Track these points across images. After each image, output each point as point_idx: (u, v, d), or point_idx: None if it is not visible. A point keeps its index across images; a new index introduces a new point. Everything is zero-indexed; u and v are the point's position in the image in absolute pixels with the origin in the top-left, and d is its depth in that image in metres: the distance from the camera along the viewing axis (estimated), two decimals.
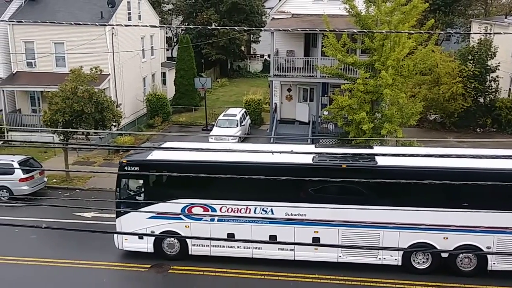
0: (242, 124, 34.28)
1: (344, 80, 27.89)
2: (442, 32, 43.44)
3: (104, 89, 31.90)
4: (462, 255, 17.56)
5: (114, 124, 28.69)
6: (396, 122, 25.06)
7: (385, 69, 25.11)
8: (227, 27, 21.17)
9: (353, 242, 17.70)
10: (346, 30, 24.62)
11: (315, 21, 30.87)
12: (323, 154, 17.68)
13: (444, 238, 17.45)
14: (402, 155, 12.20)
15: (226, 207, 18.09)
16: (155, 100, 38.77)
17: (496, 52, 35.12)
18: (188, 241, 18.76)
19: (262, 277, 17.84)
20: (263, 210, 17.99)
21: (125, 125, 35.92)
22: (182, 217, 18.61)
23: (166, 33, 54.73)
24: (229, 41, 52.85)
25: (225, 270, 18.20)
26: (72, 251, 19.59)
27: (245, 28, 11.33)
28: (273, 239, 18.10)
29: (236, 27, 15.60)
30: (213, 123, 35.44)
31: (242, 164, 17.68)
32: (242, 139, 33.32)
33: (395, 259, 17.98)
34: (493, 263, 17.47)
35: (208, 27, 12.90)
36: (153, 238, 18.85)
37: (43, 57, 34.09)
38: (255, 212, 17.99)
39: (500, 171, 16.91)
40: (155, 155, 18.94)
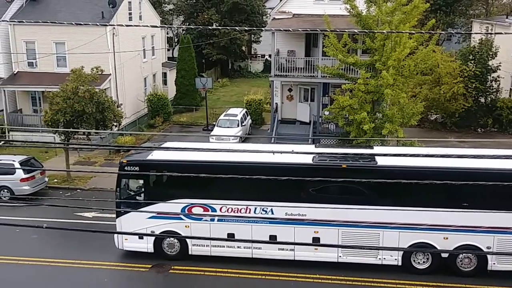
0: (243, 124, 34.28)
1: (345, 80, 27.89)
2: (443, 32, 43.45)
3: (105, 89, 31.94)
4: (462, 255, 17.57)
5: (115, 124, 28.73)
6: (397, 122, 25.06)
7: (386, 69, 25.10)
8: (228, 27, 21.18)
9: (353, 242, 17.70)
10: (347, 30, 24.63)
11: (316, 21, 30.87)
12: (323, 154, 17.67)
13: (444, 238, 17.45)
14: (402, 155, 12.20)
15: (226, 207, 18.10)
16: (156, 100, 38.80)
17: (497, 52, 35.09)
18: (188, 241, 18.77)
19: (263, 277, 17.84)
20: (263, 210, 17.99)
21: (126, 125, 35.96)
22: (182, 217, 18.62)
23: (167, 33, 54.77)
24: (230, 41, 52.86)
25: (226, 270, 18.21)
26: (73, 251, 19.61)
27: (246, 28, 11.34)
28: (273, 239, 18.11)
29: (237, 27, 15.63)
30: (214, 123, 35.44)
31: (242, 164, 17.69)
32: (243, 139, 33.33)
33: (395, 259, 17.98)
34: (493, 263, 17.47)
35: (209, 27, 12.93)
36: (153, 238, 18.87)
37: (44, 57, 34.13)
38: (255, 212, 18.00)
39: (500, 171, 16.90)
40: (155, 155, 18.96)
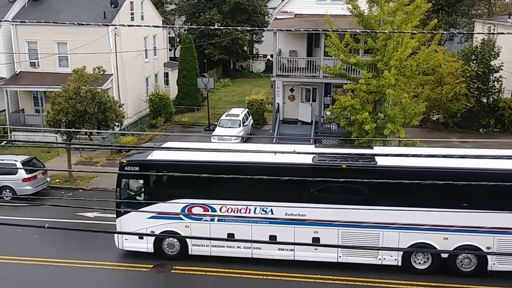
0: (245, 124, 34.28)
1: (346, 80, 27.88)
2: (445, 32, 43.41)
3: (107, 89, 31.97)
4: (462, 255, 17.56)
5: (116, 124, 28.75)
6: (398, 122, 25.04)
7: (387, 69, 25.09)
8: (229, 27, 21.16)
9: (353, 242, 17.70)
10: (349, 30, 24.59)
11: (318, 21, 30.87)
12: (323, 154, 17.65)
13: (444, 238, 17.43)
14: (402, 155, 12.21)
15: (226, 207, 18.11)
16: (157, 100, 38.82)
17: (499, 52, 35.03)
18: (188, 241, 18.79)
19: (264, 277, 17.85)
20: (263, 210, 18.01)
21: (127, 125, 35.98)
22: (182, 217, 18.64)
23: (169, 33, 54.78)
24: (232, 41, 52.85)
25: (227, 270, 18.22)
26: (75, 251, 19.63)
27: (247, 28, 11.34)
28: (273, 239, 18.12)
29: (238, 27, 15.64)
30: (216, 123, 35.45)
31: (242, 164, 17.70)
32: (245, 139, 33.33)
33: (395, 260, 17.97)
34: (493, 264, 17.46)
35: (211, 27, 12.94)
36: (153, 238, 18.89)
37: (46, 57, 34.18)
38: (255, 212, 18.02)
39: (500, 171, 16.87)
40: (155, 155, 18.99)
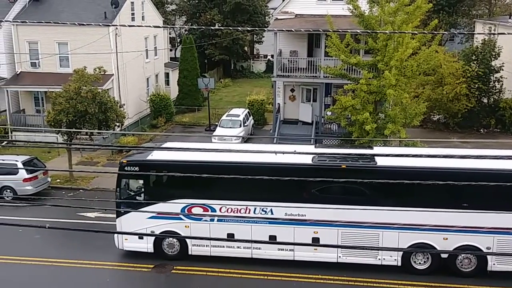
0: (245, 124, 34.28)
1: (347, 81, 27.86)
2: (445, 32, 43.37)
3: (107, 89, 31.99)
4: (462, 255, 17.56)
5: (117, 124, 28.76)
6: (399, 122, 25.03)
7: (388, 70, 25.09)
8: (230, 27, 21.16)
9: (353, 242, 17.72)
10: (349, 31, 24.59)
11: (319, 22, 30.86)
12: (323, 154, 17.65)
13: (444, 238, 17.44)
14: (401, 155, 12.21)
15: (226, 207, 18.13)
16: (158, 100, 38.83)
17: (500, 53, 35.02)
18: (188, 241, 18.81)
19: (265, 277, 17.86)
20: (263, 210, 18.03)
21: (128, 126, 35.99)
22: (182, 217, 18.66)
23: (170, 34, 54.76)
24: (233, 41, 52.86)
25: (228, 270, 18.23)
26: (76, 251, 19.65)
27: (248, 28, 11.37)
28: (272, 239, 18.14)
29: (239, 28, 15.64)
30: (216, 123, 35.46)
31: (242, 164, 17.72)
32: (245, 140, 33.33)
33: (395, 260, 17.98)
34: (493, 264, 17.46)
35: (212, 28, 12.90)
36: (153, 238, 18.91)
37: (47, 57, 34.19)
38: (254, 212, 18.04)
39: (500, 171, 16.86)
40: (155, 155, 19.02)
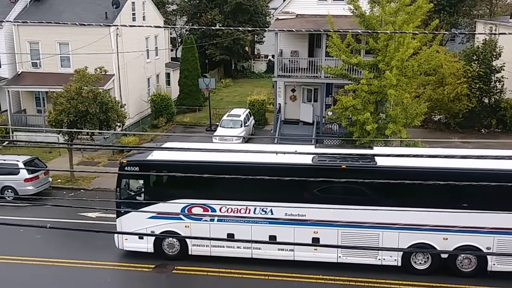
0: (246, 124, 34.30)
1: (348, 81, 27.86)
2: (446, 32, 43.34)
3: (108, 89, 32.03)
4: (462, 255, 17.55)
5: (118, 124, 28.77)
6: (400, 122, 25.03)
7: (389, 70, 25.08)
8: (231, 27, 21.16)
9: (353, 242, 17.72)
10: (350, 31, 24.57)
11: (319, 22, 30.86)
12: (323, 154, 17.65)
13: (444, 238, 17.44)
14: (401, 155, 12.22)
15: (226, 207, 18.14)
16: (159, 100, 38.85)
17: (501, 53, 35.00)
18: (188, 241, 18.83)
19: (266, 277, 17.87)
20: (263, 210, 18.04)
21: (129, 126, 36.02)
22: (182, 217, 18.67)
23: (171, 34, 54.79)
24: (233, 41, 52.86)
25: (229, 270, 18.24)
26: (77, 251, 19.67)
27: (249, 28, 11.37)
28: (272, 239, 18.15)
29: (240, 28, 15.64)
30: (217, 123, 35.48)
31: (242, 164, 17.73)
32: (246, 140, 33.34)
33: (395, 260, 17.98)
34: (493, 264, 17.45)
35: (212, 28, 12.88)
36: (153, 238, 18.93)
37: (48, 57, 34.22)
38: (254, 212, 18.06)
39: (500, 171, 16.85)
40: (155, 155, 19.04)
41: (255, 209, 17.98)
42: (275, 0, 58.82)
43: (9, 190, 25.13)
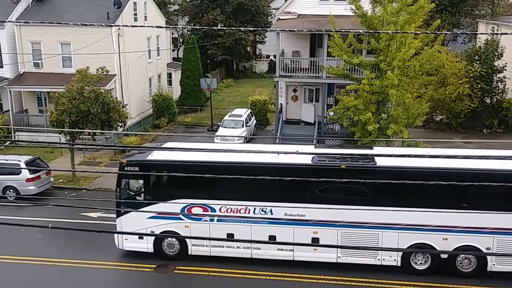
0: (248, 124, 34.31)
1: (350, 81, 27.84)
2: (448, 32, 43.29)
3: (110, 89, 32.06)
4: (461, 256, 17.52)
5: (120, 124, 28.80)
6: (402, 122, 25.01)
7: (391, 70, 25.06)
8: (232, 27, 21.18)
9: (352, 242, 17.70)
10: (352, 31, 24.58)
11: (321, 22, 30.84)
12: (322, 154, 17.65)
13: (443, 239, 17.41)
14: (400, 155, 12.20)
15: (226, 207, 18.15)
16: (161, 100, 38.89)
17: (503, 53, 34.96)
18: (188, 241, 18.84)
19: (267, 277, 17.86)
20: (263, 210, 18.04)
21: (131, 126, 36.05)
22: (182, 217, 18.68)
23: (172, 34, 54.84)
24: (235, 41, 52.89)
25: (230, 270, 18.24)
26: (78, 251, 19.69)
27: (250, 28, 11.38)
28: (272, 239, 18.16)
29: (241, 28, 15.65)
30: (219, 123, 35.49)
31: (241, 164, 17.73)
32: (248, 140, 33.35)
33: (395, 260, 17.96)
34: (493, 264, 17.43)
35: (214, 28, 12.91)
36: (153, 238, 18.95)
37: (50, 57, 34.28)
38: (254, 212, 18.06)
39: (500, 171, 16.82)
40: (155, 155, 19.06)
41: (254, 209, 17.98)
42: (277, 0, 58.88)
43: (11, 190, 25.17)
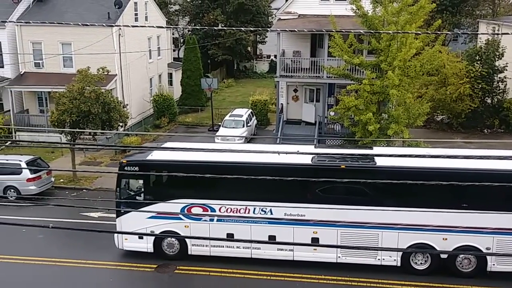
0: (248, 124, 34.32)
1: (350, 81, 27.83)
2: (449, 32, 43.25)
3: (111, 89, 32.08)
4: (461, 256, 17.51)
5: (120, 124, 28.83)
6: (402, 122, 24.99)
7: (391, 70, 25.05)
8: (233, 27, 21.24)
9: (352, 242, 17.70)
10: (352, 31, 24.58)
11: (322, 22, 30.83)
12: (322, 154, 17.64)
13: (443, 239, 17.40)
14: (400, 155, 12.19)
15: (226, 207, 18.15)
16: (161, 100, 38.90)
17: (503, 53, 34.94)
18: (188, 241, 18.83)
19: (268, 277, 17.86)
20: (262, 210, 18.04)
21: (131, 126, 36.07)
22: (182, 217, 18.69)
23: (173, 34, 54.87)
24: (236, 41, 52.90)
25: (231, 270, 18.24)
26: (79, 250, 19.70)
27: (251, 28, 11.39)
28: (272, 239, 18.16)
29: (242, 28, 15.65)
30: (220, 123, 35.49)
31: (242, 164, 17.74)
32: (248, 140, 33.35)
33: (394, 260, 17.95)
34: (493, 264, 17.42)
35: (215, 28, 12.95)
36: (152, 238, 18.95)
37: (51, 57, 34.30)
38: (254, 212, 18.06)
39: (501, 172, 16.81)
40: (155, 155, 19.06)
41: (254, 209, 17.98)
42: (277, 0, 58.89)
43: (12, 190, 25.19)
